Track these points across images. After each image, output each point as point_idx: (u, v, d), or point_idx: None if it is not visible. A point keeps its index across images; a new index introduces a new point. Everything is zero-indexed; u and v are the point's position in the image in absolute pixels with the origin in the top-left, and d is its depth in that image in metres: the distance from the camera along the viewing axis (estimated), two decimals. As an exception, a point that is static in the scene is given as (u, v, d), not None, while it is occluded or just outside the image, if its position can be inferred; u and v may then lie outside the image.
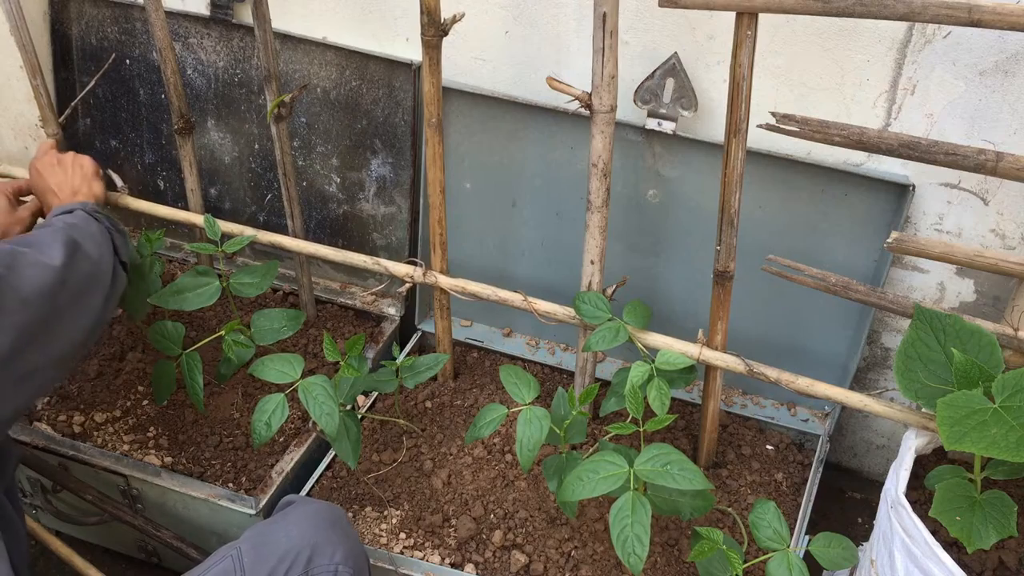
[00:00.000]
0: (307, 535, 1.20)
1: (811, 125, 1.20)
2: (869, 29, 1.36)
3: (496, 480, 1.57)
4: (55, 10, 1.88)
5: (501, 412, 1.39)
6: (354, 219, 1.86)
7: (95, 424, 1.65)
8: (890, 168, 1.46)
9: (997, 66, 1.32)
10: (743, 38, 1.19)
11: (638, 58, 1.49)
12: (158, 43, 1.57)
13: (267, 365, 1.44)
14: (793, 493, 1.58)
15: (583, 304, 1.45)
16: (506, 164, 1.68)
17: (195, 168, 1.70)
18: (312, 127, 1.79)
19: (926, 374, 1.24)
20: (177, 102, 1.62)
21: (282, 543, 1.19)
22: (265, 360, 1.45)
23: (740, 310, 1.46)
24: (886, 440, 1.82)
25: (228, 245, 1.57)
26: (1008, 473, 1.20)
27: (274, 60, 1.50)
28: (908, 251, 1.27)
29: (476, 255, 1.79)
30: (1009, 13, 1.05)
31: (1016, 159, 1.13)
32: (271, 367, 1.44)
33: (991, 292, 1.53)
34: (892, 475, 1.25)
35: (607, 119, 1.31)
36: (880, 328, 1.67)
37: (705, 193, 1.55)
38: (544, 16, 1.53)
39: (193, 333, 1.75)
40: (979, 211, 1.46)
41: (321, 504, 1.29)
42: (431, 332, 1.78)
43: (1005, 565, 1.23)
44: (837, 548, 1.27)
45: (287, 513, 1.26)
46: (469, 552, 1.46)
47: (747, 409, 1.73)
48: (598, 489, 1.22)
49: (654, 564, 1.45)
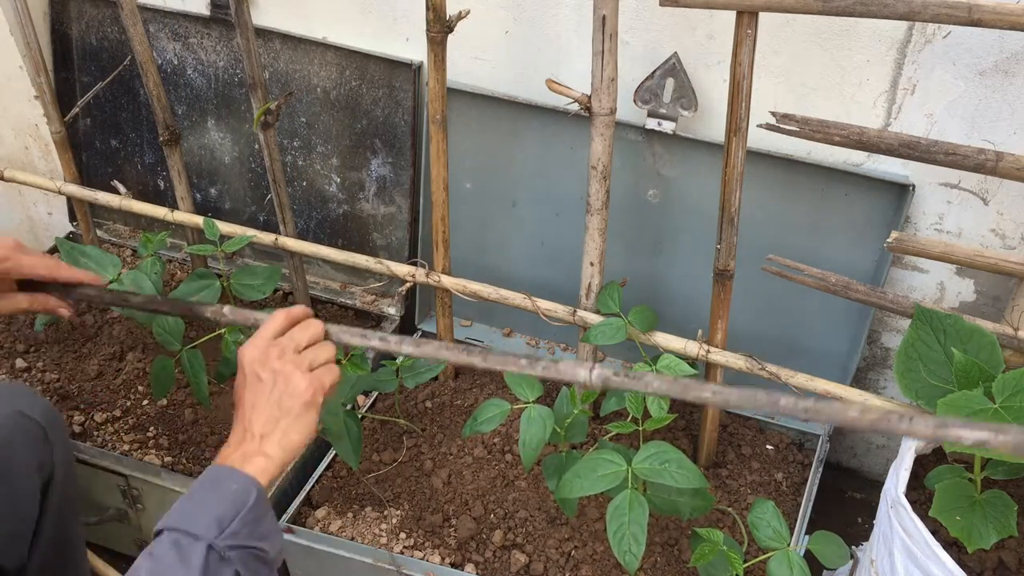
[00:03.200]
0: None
1: (811, 125, 1.20)
2: (869, 29, 1.36)
3: (496, 480, 1.57)
4: (55, 10, 1.88)
5: (503, 408, 1.38)
6: (354, 219, 1.86)
7: (95, 424, 1.65)
8: (890, 168, 1.46)
9: (997, 66, 1.32)
10: (743, 37, 1.19)
11: (638, 58, 1.49)
12: (138, 56, 1.57)
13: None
14: (793, 493, 1.58)
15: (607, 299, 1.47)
16: (506, 164, 1.68)
17: (184, 176, 1.70)
18: (312, 127, 1.79)
19: (926, 374, 1.24)
20: (162, 114, 1.63)
21: None
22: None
23: (740, 310, 1.46)
24: (886, 440, 1.82)
25: (227, 245, 1.58)
26: (1008, 473, 1.20)
27: (258, 68, 1.49)
28: (908, 251, 1.27)
29: (476, 255, 1.79)
30: (1009, 13, 1.05)
31: (1016, 159, 1.13)
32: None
33: (991, 292, 1.53)
34: (892, 475, 1.25)
35: (607, 121, 1.31)
36: (880, 328, 1.67)
37: (705, 193, 1.55)
38: (544, 16, 1.53)
39: (193, 333, 1.75)
40: (979, 211, 1.46)
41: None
42: (431, 332, 1.78)
43: (1005, 565, 1.23)
44: (832, 546, 1.27)
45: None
46: (469, 552, 1.46)
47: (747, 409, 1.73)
48: (596, 486, 1.22)
49: (654, 564, 1.45)
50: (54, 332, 1.83)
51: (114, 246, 2.07)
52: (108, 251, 1.70)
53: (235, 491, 0.98)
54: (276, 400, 1.04)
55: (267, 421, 1.03)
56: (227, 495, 0.97)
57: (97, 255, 1.62)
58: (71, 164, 1.83)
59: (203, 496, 0.98)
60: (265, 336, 1.07)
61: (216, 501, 0.97)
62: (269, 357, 1.05)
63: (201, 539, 0.93)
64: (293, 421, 1.03)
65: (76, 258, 1.62)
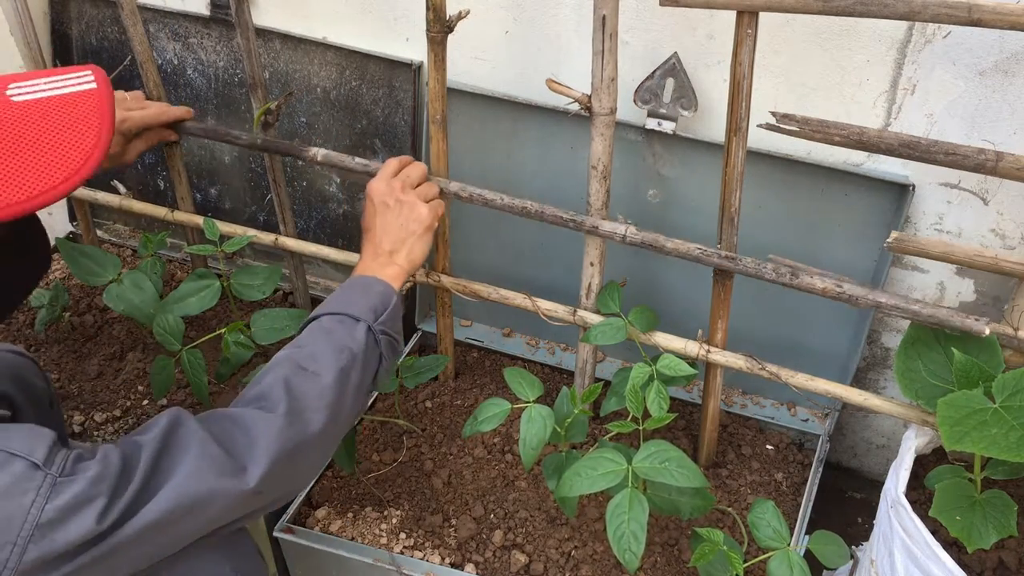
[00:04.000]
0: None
1: (811, 125, 1.20)
2: (869, 29, 1.36)
3: (496, 480, 1.57)
4: (55, 10, 1.88)
5: (504, 408, 1.38)
6: (354, 219, 1.86)
7: (95, 424, 1.65)
8: (890, 168, 1.46)
9: (997, 66, 1.32)
10: (743, 37, 1.19)
11: (638, 58, 1.49)
12: (138, 56, 1.57)
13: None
14: (793, 493, 1.58)
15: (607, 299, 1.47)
16: (506, 164, 1.68)
17: (184, 176, 1.70)
18: (312, 127, 1.79)
19: (926, 374, 1.24)
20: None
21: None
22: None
23: (740, 310, 1.46)
24: (886, 440, 1.82)
25: (227, 245, 1.58)
26: (1008, 473, 1.20)
27: (258, 68, 1.49)
28: (908, 251, 1.27)
29: (475, 255, 1.79)
30: (1009, 13, 1.05)
31: (1016, 159, 1.13)
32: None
33: (991, 292, 1.53)
34: (892, 475, 1.25)
35: (607, 121, 1.31)
36: (880, 328, 1.67)
37: (705, 193, 1.55)
38: (544, 16, 1.53)
39: (192, 332, 1.75)
40: (979, 211, 1.46)
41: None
42: (431, 332, 1.78)
43: (1005, 565, 1.23)
44: (832, 546, 1.27)
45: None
46: (469, 552, 1.46)
47: (747, 409, 1.73)
48: (596, 485, 1.22)
49: (654, 564, 1.45)
50: (54, 332, 1.83)
51: (114, 246, 2.07)
52: (108, 251, 1.70)
53: (380, 291, 1.24)
54: (403, 223, 1.31)
55: (396, 240, 1.30)
56: (375, 293, 1.23)
57: (97, 255, 1.63)
58: (71, 164, 1.82)
59: (354, 294, 1.22)
60: (388, 174, 1.34)
61: (368, 297, 1.22)
62: (394, 190, 1.32)
63: (362, 321, 1.18)
64: (417, 240, 1.31)
65: (76, 258, 1.62)
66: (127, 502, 0.91)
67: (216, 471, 0.98)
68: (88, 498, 0.89)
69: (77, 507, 0.88)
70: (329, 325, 1.18)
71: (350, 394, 1.14)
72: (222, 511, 0.99)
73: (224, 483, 0.98)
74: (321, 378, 1.11)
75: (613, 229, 1.37)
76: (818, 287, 1.28)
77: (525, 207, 1.42)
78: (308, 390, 1.10)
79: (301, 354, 1.14)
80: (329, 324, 1.18)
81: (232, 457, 1.00)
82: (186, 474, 0.96)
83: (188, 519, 0.96)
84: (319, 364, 1.13)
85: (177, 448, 0.98)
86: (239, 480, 0.99)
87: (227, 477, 0.98)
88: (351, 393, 1.14)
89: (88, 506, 0.89)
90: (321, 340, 1.16)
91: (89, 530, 0.88)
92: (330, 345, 1.15)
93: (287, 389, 1.08)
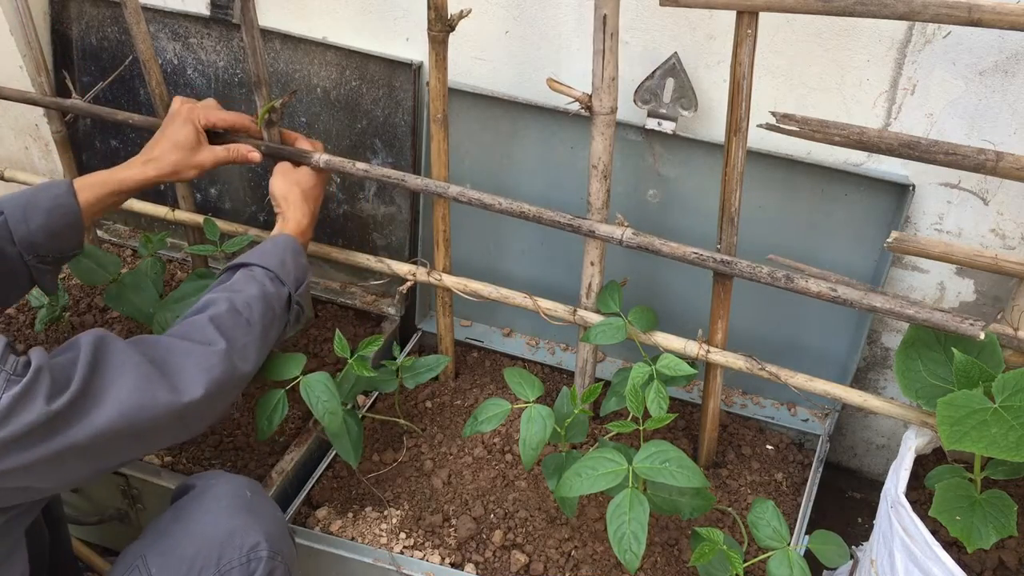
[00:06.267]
0: (212, 532, 1.15)
1: (811, 125, 1.20)
2: (869, 29, 1.36)
3: (496, 480, 1.57)
4: (55, 10, 1.88)
5: (504, 408, 1.38)
6: (354, 219, 1.86)
7: (95, 424, 1.65)
8: (890, 168, 1.46)
9: (997, 66, 1.32)
10: (743, 37, 1.19)
11: (638, 58, 1.49)
12: (141, 56, 1.57)
13: (269, 364, 1.44)
14: (793, 493, 1.58)
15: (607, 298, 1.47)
16: (506, 164, 1.68)
17: None
18: (312, 127, 1.79)
19: (926, 374, 1.24)
20: (163, 113, 1.62)
21: (187, 547, 1.14)
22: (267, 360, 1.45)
23: (740, 310, 1.46)
24: (886, 440, 1.82)
25: (228, 245, 1.58)
26: (1008, 473, 1.20)
27: (263, 66, 1.50)
28: (908, 251, 1.27)
29: (476, 255, 1.79)
30: (1009, 13, 1.05)
31: (1016, 159, 1.13)
32: (272, 366, 1.44)
33: (991, 292, 1.53)
34: (892, 475, 1.25)
35: (607, 121, 1.31)
36: (880, 328, 1.67)
37: (705, 193, 1.55)
38: (544, 16, 1.53)
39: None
40: (979, 211, 1.46)
41: (223, 487, 1.22)
42: (431, 332, 1.78)
43: (1005, 565, 1.23)
44: (832, 545, 1.27)
45: (190, 508, 1.19)
46: (469, 552, 1.46)
47: (747, 409, 1.73)
48: (596, 485, 1.22)
49: (654, 564, 1.45)
50: (54, 332, 1.83)
51: (114, 246, 2.07)
52: (108, 251, 1.70)
53: (304, 264, 1.39)
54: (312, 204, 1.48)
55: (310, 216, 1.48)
56: (301, 266, 1.38)
57: (97, 255, 1.62)
58: (71, 164, 1.83)
59: (287, 257, 1.36)
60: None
61: (298, 268, 1.36)
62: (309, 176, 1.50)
63: (287, 286, 1.34)
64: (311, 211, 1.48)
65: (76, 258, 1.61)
66: (70, 398, 1.00)
67: (153, 386, 1.07)
68: (36, 394, 0.98)
69: (26, 398, 0.97)
70: (262, 279, 1.30)
71: (265, 348, 1.27)
72: (152, 424, 1.07)
73: (161, 396, 1.07)
74: (253, 327, 1.24)
75: (610, 232, 1.37)
76: (813, 291, 1.27)
77: (523, 210, 1.42)
78: (241, 335, 1.21)
79: (238, 298, 1.24)
80: (262, 278, 1.30)
81: (166, 377, 1.09)
82: (128, 387, 1.05)
83: (129, 431, 1.05)
84: (252, 313, 1.25)
85: (108, 363, 1.06)
86: (175, 396, 1.09)
87: (164, 392, 1.08)
88: (266, 348, 1.27)
89: (36, 399, 0.97)
90: (256, 291, 1.27)
91: (38, 415, 0.97)
92: (263, 300, 1.27)
93: (224, 328, 1.19)
